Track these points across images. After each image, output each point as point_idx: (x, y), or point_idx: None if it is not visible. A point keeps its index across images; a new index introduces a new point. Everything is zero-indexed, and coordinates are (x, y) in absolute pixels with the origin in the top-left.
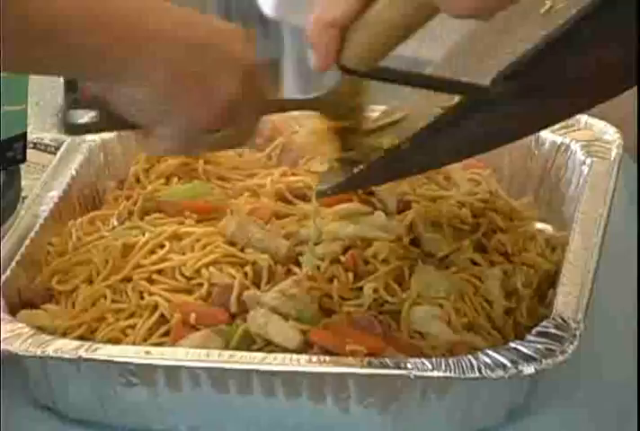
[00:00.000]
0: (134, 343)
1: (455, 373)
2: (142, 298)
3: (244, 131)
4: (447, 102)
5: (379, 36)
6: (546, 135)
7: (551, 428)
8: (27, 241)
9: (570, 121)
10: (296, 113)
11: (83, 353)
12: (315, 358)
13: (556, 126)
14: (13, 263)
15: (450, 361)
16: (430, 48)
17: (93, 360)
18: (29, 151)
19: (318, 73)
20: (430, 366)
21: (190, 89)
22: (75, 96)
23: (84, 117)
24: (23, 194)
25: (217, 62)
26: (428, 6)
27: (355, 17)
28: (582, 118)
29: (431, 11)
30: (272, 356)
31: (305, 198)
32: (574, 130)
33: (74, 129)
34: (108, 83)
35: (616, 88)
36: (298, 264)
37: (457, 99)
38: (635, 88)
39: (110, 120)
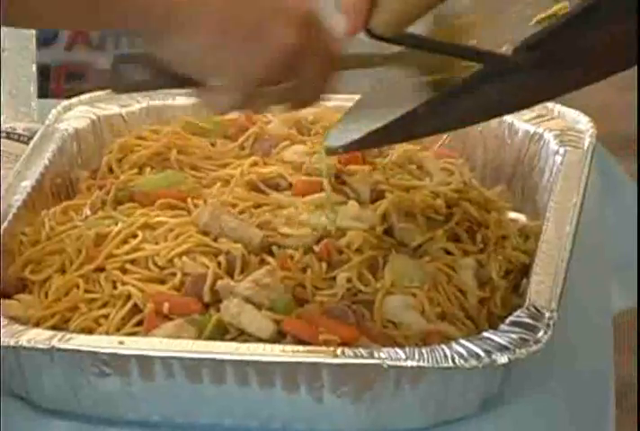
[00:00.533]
0: (107, 333)
1: (428, 362)
2: (115, 288)
3: (312, 86)
4: None
5: (409, 3)
6: (520, 124)
7: (525, 418)
8: (0, 231)
9: (543, 110)
10: None
11: (56, 343)
12: (288, 348)
13: (530, 115)
14: None
15: (424, 351)
16: None
17: (67, 350)
18: (2, 140)
19: None
20: (403, 356)
21: (241, 39)
22: (122, 53)
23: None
24: None
25: (272, 11)
26: None
27: None
28: (556, 108)
29: None
30: (246, 345)
31: (278, 188)
32: (548, 119)
33: (123, 88)
34: (154, 39)
35: (628, 62)
36: (272, 254)
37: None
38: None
39: (160, 78)
